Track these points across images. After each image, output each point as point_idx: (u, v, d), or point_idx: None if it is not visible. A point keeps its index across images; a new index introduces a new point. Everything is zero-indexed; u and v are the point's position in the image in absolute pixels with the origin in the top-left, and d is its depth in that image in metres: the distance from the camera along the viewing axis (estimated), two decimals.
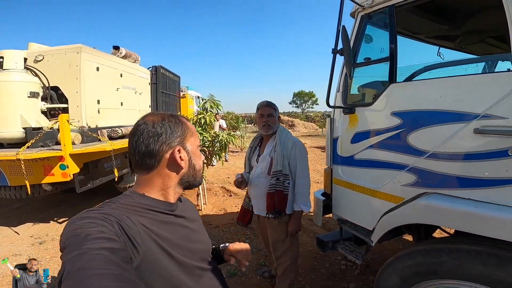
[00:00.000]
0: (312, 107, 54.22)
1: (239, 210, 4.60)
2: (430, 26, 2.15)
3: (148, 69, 7.36)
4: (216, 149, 4.68)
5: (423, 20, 2.02)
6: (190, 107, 11.60)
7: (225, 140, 4.62)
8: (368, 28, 1.91)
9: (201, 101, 14.05)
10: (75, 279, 0.44)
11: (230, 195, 5.45)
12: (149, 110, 7.20)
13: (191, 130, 0.82)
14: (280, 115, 2.25)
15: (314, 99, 54.21)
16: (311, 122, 25.73)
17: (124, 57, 6.20)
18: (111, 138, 4.71)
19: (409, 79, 1.70)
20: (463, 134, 1.35)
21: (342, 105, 1.94)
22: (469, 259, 1.29)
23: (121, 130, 5.25)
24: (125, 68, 6.07)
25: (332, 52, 1.74)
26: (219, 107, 4.73)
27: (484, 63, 2.43)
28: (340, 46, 1.68)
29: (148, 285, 0.65)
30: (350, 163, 1.96)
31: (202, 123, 4.46)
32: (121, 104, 5.93)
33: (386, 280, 1.63)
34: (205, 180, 4.62)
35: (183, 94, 11.11)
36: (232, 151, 11.31)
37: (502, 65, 2.40)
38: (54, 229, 4.08)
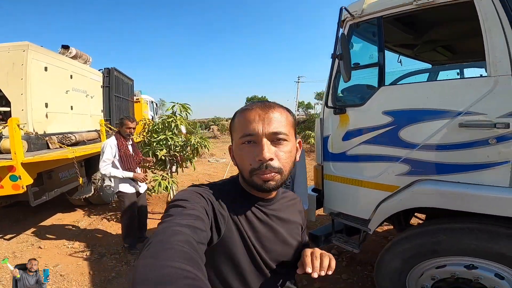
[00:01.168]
0: None
1: None
2: (399, 36, 2.43)
3: (99, 71, 6.81)
4: (187, 153, 4.55)
5: (396, 30, 2.28)
6: (144, 112, 11.01)
7: (197, 144, 4.52)
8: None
9: (155, 106, 13.44)
10: (154, 248, 0.49)
11: None
12: (101, 115, 6.66)
13: (235, 125, 0.76)
14: None
15: None
16: None
17: (74, 57, 5.65)
18: (62, 145, 4.23)
19: (395, 82, 1.91)
20: (450, 128, 1.57)
21: (336, 106, 2.08)
22: (464, 236, 1.50)
23: (74, 136, 4.76)
24: (76, 69, 5.53)
25: (331, 57, 1.87)
26: (189, 111, 4.59)
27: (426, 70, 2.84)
28: (335, 52, 1.81)
29: (215, 265, 0.72)
30: (342, 159, 2.11)
31: (173, 127, 4.29)
32: (71, 108, 5.38)
33: (387, 264, 1.78)
34: (176, 187, 4.43)
35: (136, 99, 10.50)
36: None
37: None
38: (3, 247, 3.49)
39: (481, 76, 1.66)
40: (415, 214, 2.50)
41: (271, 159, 0.69)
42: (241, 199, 0.77)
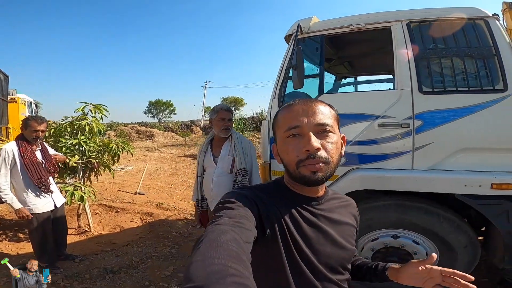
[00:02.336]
0: (169, 117, 52.90)
1: (138, 225, 4.25)
2: (325, 51, 2.94)
3: None
4: (104, 160, 4.07)
5: (326, 47, 2.75)
6: (22, 114, 9.01)
7: (117, 150, 4.10)
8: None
9: (34, 107, 11.13)
10: (203, 247, 0.51)
11: (117, 211, 4.83)
12: None
13: (279, 121, 0.79)
14: (136, 126, 2.33)
15: (172, 108, 53.12)
16: (170, 132, 25.28)
17: None
18: None
19: (331, 91, 2.35)
20: (372, 128, 2.09)
21: None
22: (386, 211, 2.01)
23: None
24: None
25: (287, 67, 2.16)
26: (104, 113, 4.13)
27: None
28: (290, 62, 2.11)
29: (257, 267, 0.65)
30: None
31: (87, 130, 3.78)
32: None
33: None
34: (94, 197, 3.91)
35: (12, 98, 8.54)
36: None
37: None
38: None
39: (390, 89, 2.27)
40: None
41: (318, 149, 0.69)
42: (286, 199, 0.78)
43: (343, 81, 3.84)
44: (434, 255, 0.81)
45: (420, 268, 0.81)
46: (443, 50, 1.98)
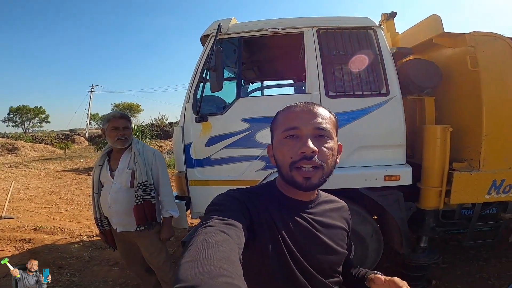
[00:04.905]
0: (41, 126, 42.89)
1: (13, 253, 3.56)
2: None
3: None
4: None
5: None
6: None
7: None
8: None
9: None
10: (195, 248, 0.52)
11: None
12: None
13: (278, 121, 0.80)
14: None
15: (44, 116, 43.12)
16: (42, 143, 20.81)
17: None
18: None
19: (247, 95, 2.35)
20: None
21: (200, 114, 2.22)
22: None
23: None
24: None
25: (205, 68, 2.01)
26: None
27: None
28: (209, 63, 1.99)
29: (245, 270, 0.65)
30: (207, 164, 2.30)
31: None
32: None
33: None
34: None
35: None
36: None
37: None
38: None
39: (302, 93, 2.42)
40: None
41: (314, 152, 0.69)
42: (278, 203, 0.78)
43: (251, 86, 3.97)
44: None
45: (383, 280, 0.78)
46: (343, 57, 2.24)
